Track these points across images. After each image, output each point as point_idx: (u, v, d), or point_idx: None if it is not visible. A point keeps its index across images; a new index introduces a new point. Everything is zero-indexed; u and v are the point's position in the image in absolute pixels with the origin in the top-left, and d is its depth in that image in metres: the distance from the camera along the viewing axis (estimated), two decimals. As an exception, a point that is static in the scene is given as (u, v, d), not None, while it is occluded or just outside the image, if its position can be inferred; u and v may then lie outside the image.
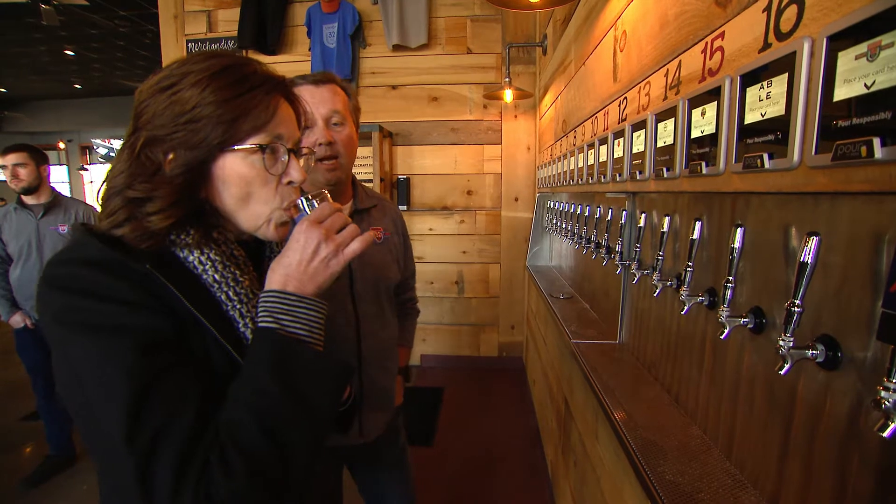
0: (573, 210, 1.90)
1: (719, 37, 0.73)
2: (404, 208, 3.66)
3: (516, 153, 3.59)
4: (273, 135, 0.63)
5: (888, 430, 0.41)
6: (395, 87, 3.59)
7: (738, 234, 0.71)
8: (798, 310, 0.55)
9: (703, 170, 0.74)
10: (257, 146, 0.62)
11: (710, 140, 0.73)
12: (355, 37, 3.47)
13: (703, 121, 0.75)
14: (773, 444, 0.65)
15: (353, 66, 3.51)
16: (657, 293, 0.98)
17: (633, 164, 1.09)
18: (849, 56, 0.45)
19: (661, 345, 1.06)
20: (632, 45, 1.19)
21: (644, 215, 1.15)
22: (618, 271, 1.29)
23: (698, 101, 0.77)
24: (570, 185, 1.89)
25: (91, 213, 2.58)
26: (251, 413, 0.55)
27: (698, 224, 0.85)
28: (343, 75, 3.45)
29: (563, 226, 2.13)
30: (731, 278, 0.71)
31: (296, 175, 0.66)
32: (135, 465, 0.51)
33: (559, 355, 1.97)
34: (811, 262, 0.54)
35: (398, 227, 1.34)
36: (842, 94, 0.46)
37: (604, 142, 1.34)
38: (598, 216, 1.57)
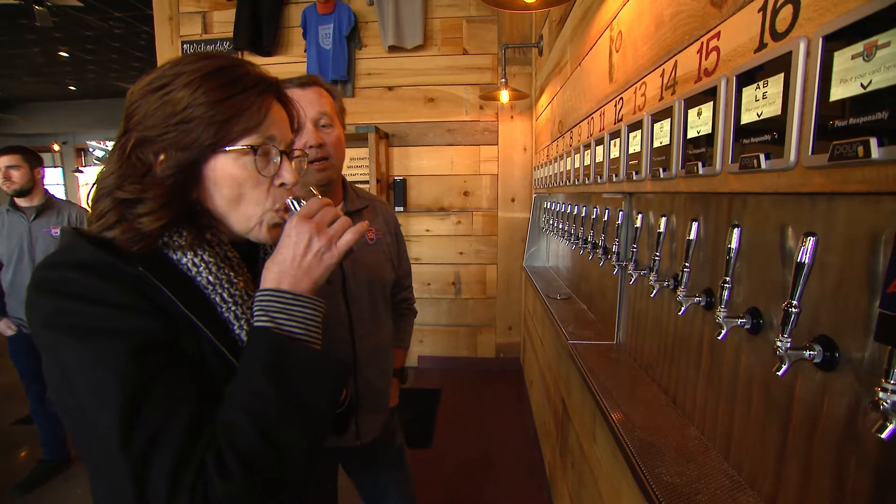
0: (570, 210, 1.90)
1: (715, 37, 0.73)
2: (401, 209, 3.65)
3: (513, 154, 3.59)
4: (265, 136, 0.63)
5: (886, 431, 0.40)
6: (391, 89, 3.58)
7: (735, 234, 0.70)
8: (795, 310, 0.55)
9: (700, 170, 0.74)
10: (249, 147, 0.61)
11: (707, 140, 0.73)
12: (351, 38, 3.47)
13: (700, 121, 0.75)
14: (771, 446, 0.65)
15: (349, 67, 3.51)
16: (654, 294, 0.97)
17: (630, 165, 1.09)
18: (845, 56, 0.45)
19: (659, 345, 1.06)
20: (627, 45, 1.19)
21: (640, 216, 1.15)
22: (615, 272, 1.28)
23: (694, 101, 0.77)
24: (566, 186, 1.88)
25: (84, 215, 2.56)
26: (247, 414, 0.55)
27: (695, 224, 0.85)
28: (339, 76, 3.45)
29: (560, 226, 2.12)
30: (727, 279, 0.71)
31: (288, 177, 0.65)
32: (130, 470, 0.50)
33: (556, 356, 1.97)
34: (808, 262, 0.54)
35: (391, 227, 1.34)
36: (838, 93, 0.46)
37: (600, 142, 1.34)
38: (594, 217, 1.57)
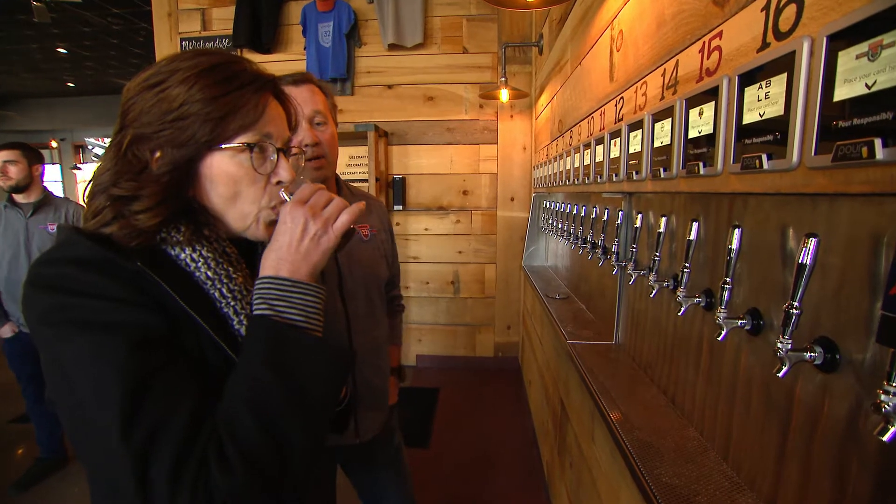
0: (569, 210, 1.90)
1: (717, 36, 0.72)
2: (400, 208, 3.65)
3: (512, 153, 3.59)
4: (261, 133, 0.62)
5: (888, 433, 0.40)
6: (390, 87, 3.57)
7: (736, 234, 0.70)
8: (796, 311, 0.54)
9: (701, 170, 0.73)
10: (245, 145, 0.61)
11: (708, 140, 0.73)
12: (351, 36, 3.46)
13: (701, 121, 0.75)
14: (771, 447, 0.65)
15: (349, 65, 3.50)
16: (654, 294, 0.97)
17: (630, 165, 1.09)
18: (849, 55, 0.44)
19: (658, 346, 1.06)
20: (628, 44, 1.18)
21: (640, 216, 1.15)
22: (614, 272, 1.28)
23: (696, 101, 0.76)
24: (566, 186, 1.88)
25: (81, 212, 2.54)
26: (248, 406, 0.54)
27: (695, 225, 0.84)
28: (338, 74, 3.44)
29: (560, 226, 2.12)
30: (728, 279, 0.71)
31: (285, 174, 0.65)
32: (131, 466, 0.49)
33: (555, 356, 1.97)
34: (810, 263, 0.53)
35: (385, 224, 1.34)
36: (842, 94, 0.46)
37: (600, 142, 1.34)
38: (594, 216, 1.57)
